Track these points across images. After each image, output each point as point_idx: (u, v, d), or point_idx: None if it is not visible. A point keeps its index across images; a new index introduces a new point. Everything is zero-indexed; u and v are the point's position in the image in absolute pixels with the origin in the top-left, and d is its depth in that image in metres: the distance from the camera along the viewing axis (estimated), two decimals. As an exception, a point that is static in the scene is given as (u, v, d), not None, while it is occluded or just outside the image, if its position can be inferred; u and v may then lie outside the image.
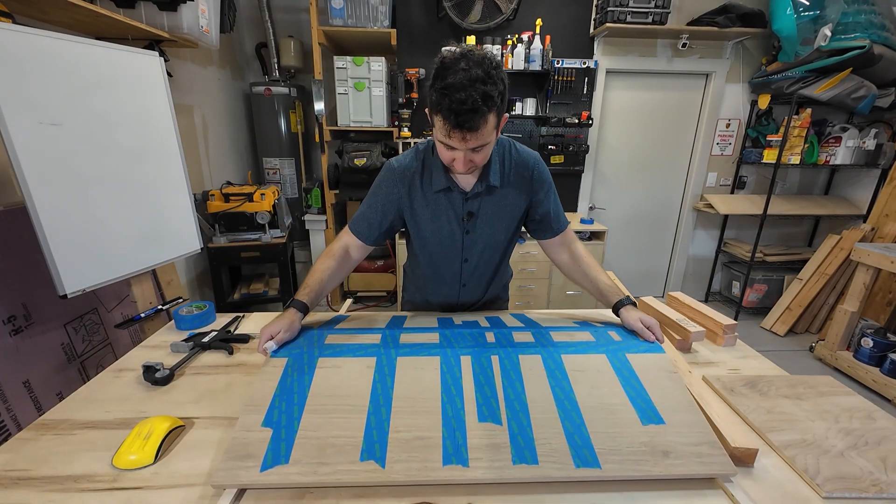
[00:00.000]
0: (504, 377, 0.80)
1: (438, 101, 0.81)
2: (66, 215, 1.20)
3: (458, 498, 0.63)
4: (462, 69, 0.80)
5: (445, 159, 0.93)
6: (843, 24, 2.51)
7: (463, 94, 0.78)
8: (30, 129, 1.12)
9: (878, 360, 2.35)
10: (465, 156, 0.88)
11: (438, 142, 0.90)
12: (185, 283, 2.42)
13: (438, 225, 1.09)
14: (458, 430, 0.71)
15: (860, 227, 2.81)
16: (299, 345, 0.88)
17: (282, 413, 0.73)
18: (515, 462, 0.66)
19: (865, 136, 2.89)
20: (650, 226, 3.49)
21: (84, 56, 1.25)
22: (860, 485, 0.65)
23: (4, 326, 1.28)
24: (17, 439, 0.74)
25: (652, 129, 3.25)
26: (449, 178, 1.02)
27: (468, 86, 0.78)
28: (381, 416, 0.73)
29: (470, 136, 0.83)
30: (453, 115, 0.80)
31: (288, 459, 0.66)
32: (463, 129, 0.82)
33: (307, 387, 0.78)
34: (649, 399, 0.77)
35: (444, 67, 0.82)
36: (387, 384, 0.79)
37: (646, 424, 0.72)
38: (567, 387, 0.79)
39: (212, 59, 2.66)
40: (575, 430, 0.71)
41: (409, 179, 1.05)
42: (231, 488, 0.63)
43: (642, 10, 2.68)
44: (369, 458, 0.66)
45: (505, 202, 1.08)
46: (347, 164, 2.76)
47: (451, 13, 2.73)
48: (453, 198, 1.05)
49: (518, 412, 0.74)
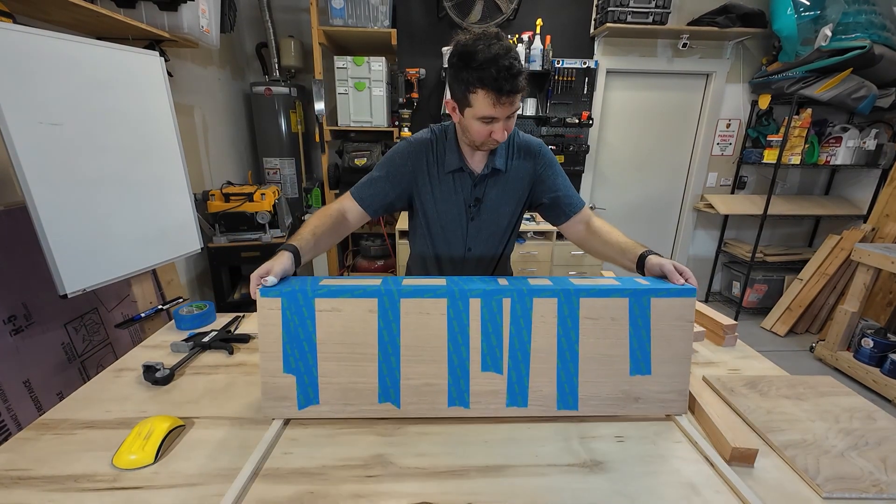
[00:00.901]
0: (513, 324, 0.79)
1: (481, 76, 0.85)
2: (66, 215, 1.21)
3: (458, 498, 0.64)
4: (490, 45, 0.85)
5: (482, 135, 0.95)
6: (844, 24, 2.51)
7: (507, 62, 0.84)
8: (30, 129, 1.12)
9: (878, 360, 2.35)
10: (503, 123, 0.93)
11: (476, 120, 0.93)
12: (186, 283, 2.42)
13: (445, 207, 1.10)
14: (462, 379, 0.79)
15: (860, 228, 2.81)
16: (290, 283, 0.79)
17: (297, 360, 0.78)
18: (508, 405, 0.80)
19: (866, 136, 2.89)
20: (650, 226, 3.49)
21: (85, 56, 1.26)
22: (860, 485, 0.65)
23: (5, 326, 1.28)
24: (18, 439, 0.75)
25: (652, 130, 3.25)
26: (461, 159, 1.05)
27: (505, 55, 0.84)
28: (391, 365, 0.79)
29: (515, 98, 0.89)
30: (504, 81, 0.84)
31: (318, 401, 0.79)
32: (512, 93, 0.87)
33: (313, 333, 0.78)
34: (648, 351, 0.80)
35: (468, 51, 0.86)
36: (393, 331, 0.78)
37: (632, 375, 0.80)
38: (574, 336, 0.80)
39: (212, 58, 2.66)
40: (567, 380, 0.80)
41: (423, 156, 1.07)
42: (278, 419, 0.79)
43: (642, 10, 2.68)
44: (386, 401, 0.79)
45: (509, 185, 1.10)
46: (348, 164, 2.76)
47: (452, 13, 2.73)
48: (463, 180, 1.08)
49: (519, 362, 0.80)
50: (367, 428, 0.78)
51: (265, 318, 0.77)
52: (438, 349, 0.79)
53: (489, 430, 0.78)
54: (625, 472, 0.69)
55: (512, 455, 0.72)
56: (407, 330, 0.79)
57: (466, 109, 0.93)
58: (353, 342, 0.79)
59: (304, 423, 0.79)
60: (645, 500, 0.63)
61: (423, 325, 0.79)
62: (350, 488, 0.65)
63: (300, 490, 0.64)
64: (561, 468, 0.70)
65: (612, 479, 0.67)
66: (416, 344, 0.79)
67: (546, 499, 0.64)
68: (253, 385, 0.91)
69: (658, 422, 0.82)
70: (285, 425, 0.79)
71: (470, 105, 0.91)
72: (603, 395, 0.81)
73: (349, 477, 0.67)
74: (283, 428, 0.78)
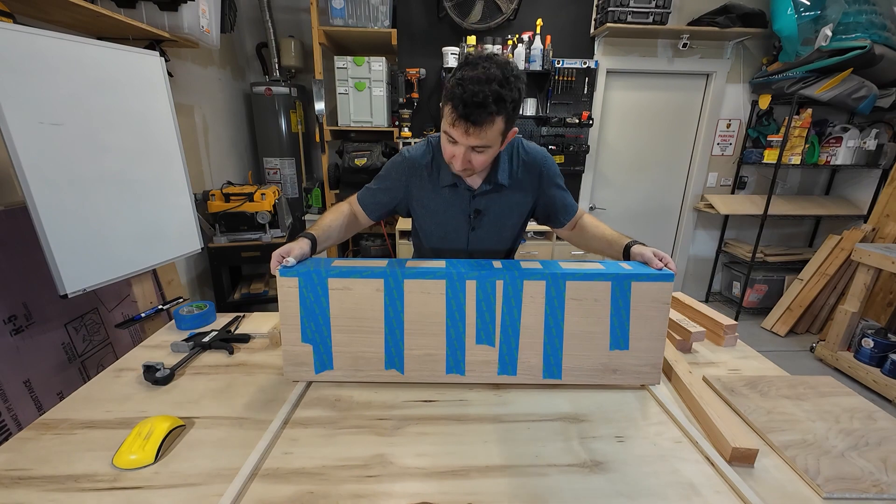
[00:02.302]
0: (505, 303, 0.87)
1: (451, 90, 0.83)
2: (66, 215, 1.21)
3: (458, 498, 0.63)
4: (483, 66, 0.82)
5: (446, 154, 0.94)
6: (844, 24, 2.51)
7: (476, 88, 0.80)
8: (31, 129, 1.12)
9: (878, 360, 2.35)
10: (464, 153, 0.88)
11: (443, 133, 0.92)
12: (186, 283, 2.42)
13: (444, 219, 1.10)
14: (458, 350, 0.89)
15: (861, 228, 2.80)
16: (306, 265, 0.88)
17: (313, 332, 0.88)
18: (499, 373, 0.90)
19: (866, 136, 2.89)
20: (651, 226, 3.49)
21: (85, 56, 1.26)
22: (861, 485, 0.65)
23: (5, 326, 1.28)
24: (18, 439, 0.75)
25: (652, 130, 3.24)
26: (456, 175, 1.03)
27: (484, 82, 0.80)
28: (396, 337, 0.89)
29: (473, 130, 0.84)
30: (462, 105, 0.81)
31: (332, 367, 0.90)
32: (467, 121, 0.82)
33: (327, 308, 0.87)
34: (627, 329, 0.88)
35: (466, 63, 0.85)
36: (397, 308, 0.87)
37: (612, 350, 0.89)
38: (559, 315, 0.88)
39: (212, 58, 2.66)
40: (552, 353, 0.89)
41: (417, 171, 1.07)
42: (301, 381, 0.91)
43: (643, 10, 2.68)
44: (391, 368, 0.90)
45: (512, 201, 1.09)
46: (348, 164, 2.76)
47: (452, 13, 2.73)
48: (460, 193, 1.07)
49: (510, 337, 0.89)
50: (367, 428, 0.79)
51: (285, 294, 0.86)
52: (438, 324, 0.88)
53: (489, 430, 0.78)
54: (625, 472, 0.69)
55: (512, 455, 0.72)
56: (410, 307, 0.87)
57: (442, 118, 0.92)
58: (362, 317, 0.88)
59: (304, 424, 0.79)
60: (645, 500, 0.63)
61: (424, 304, 0.87)
62: (350, 488, 0.65)
63: (300, 490, 0.64)
64: (561, 468, 0.70)
65: (613, 479, 0.67)
66: (418, 319, 0.88)
67: (546, 499, 0.64)
68: (253, 385, 0.92)
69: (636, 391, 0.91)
70: (307, 388, 0.90)
71: (442, 115, 0.90)
72: (585, 367, 0.90)
73: (349, 477, 0.67)
74: (305, 389, 0.90)
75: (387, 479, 0.67)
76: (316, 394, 0.88)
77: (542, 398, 0.88)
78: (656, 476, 0.68)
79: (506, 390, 0.90)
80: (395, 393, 0.89)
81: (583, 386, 0.91)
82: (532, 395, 0.89)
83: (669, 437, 0.77)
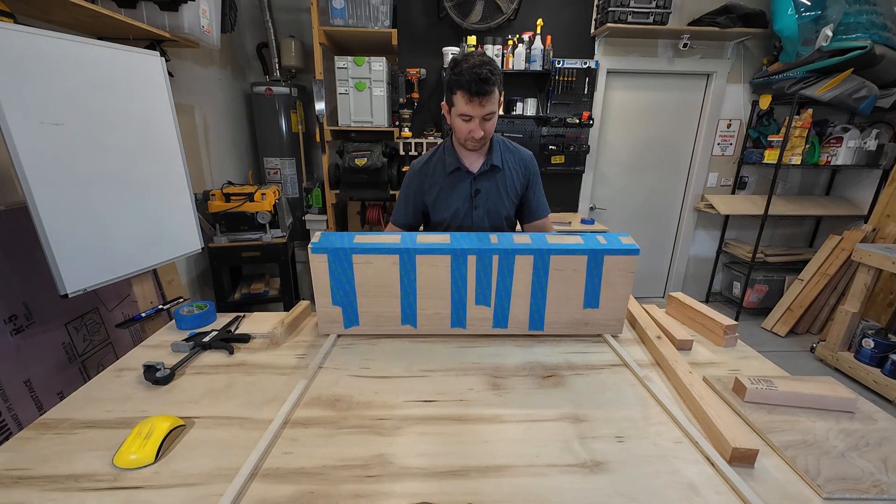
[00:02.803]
0: (499, 273, 1.04)
1: (458, 78, 1.11)
2: (67, 215, 1.21)
3: (458, 498, 0.63)
4: (472, 56, 1.13)
5: (462, 132, 1.20)
6: (845, 24, 2.51)
7: (478, 69, 1.09)
8: (31, 129, 1.12)
9: (878, 360, 2.35)
10: (479, 123, 1.17)
11: (458, 118, 1.18)
12: (186, 283, 2.43)
13: (450, 201, 1.33)
14: (461, 309, 1.08)
15: (861, 228, 2.80)
16: (331, 240, 1.03)
17: (342, 297, 1.06)
18: (493, 326, 1.10)
19: (867, 136, 2.89)
20: (651, 226, 3.49)
21: (85, 56, 1.26)
22: (861, 486, 0.65)
23: (5, 326, 1.28)
24: (18, 438, 0.75)
25: (653, 130, 3.24)
26: (458, 160, 1.31)
27: (480, 64, 1.10)
28: (410, 300, 1.07)
29: (486, 101, 1.13)
30: (473, 83, 1.09)
31: (358, 323, 1.09)
32: (481, 95, 1.11)
33: (352, 278, 1.04)
34: (598, 292, 1.07)
35: (455, 61, 1.14)
36: (411, 278, 1.04)
37: (585, 308, 1.09)
38: (544, 282, 1.06)
39: (213, 58, 2.66)
40: (537, 311, 1.09)
41: (425, 170, 1.35)
42: (333, 334, 1.10)
43: (643, 10, 2.68)
44: (407, 323, 1.10)
45: (505, 182, 1.34)
46: (348, 164, 2.76)
47: (452, 13, 2.73)
48: (463, 178, 1.32)
49: (503, 298, 1.07)
50: (367, 428, 0.79)
51: (316, 268, 1.04)
52: (444, 290, 1.06)
53: (489, 430, 0.78)
54: (625, 472, 0.69)
55: (512, 455, 0.72)
56: (421, 276, 1.04)
57: (452, 109, 1.20)
58: (382, 284, 1.05)
59: (304, 423, 0.79)
60: (645, 501, 0.63)
61: (433, 274, 1.04)
62: (350, 488, 0.65)
63: (300, 490, 0.64)
64: (561, 468, 0.69)
65: (613, 480, 0.67)
66: (428, 286, 1.05)
67: (546, 499, 0.64)
68: (253, 385, 0.92)
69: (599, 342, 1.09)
70: (337, 339, 1.10)
71: (453, 104, 1.18)
72: (562, 322, 1.10)
73: (349, 477, 0.67)
74: (336, 340, 1.09)
75: (387, 479, 0.67)
76: (316, 394, 0.89)
77: (542, 398, 0.88)
78: (656, 476, 0.68)
79: (506, 391, 0.90)
80: (395, 393, 0.89)
81: (560, 336, 1.12)
82: (532, 395, 0.89)
83: (669, 437, 0.77)
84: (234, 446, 0.73)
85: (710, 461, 0.71)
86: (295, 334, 1.15)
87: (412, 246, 1.02)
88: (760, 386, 0.84)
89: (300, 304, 1.24)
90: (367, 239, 1.05)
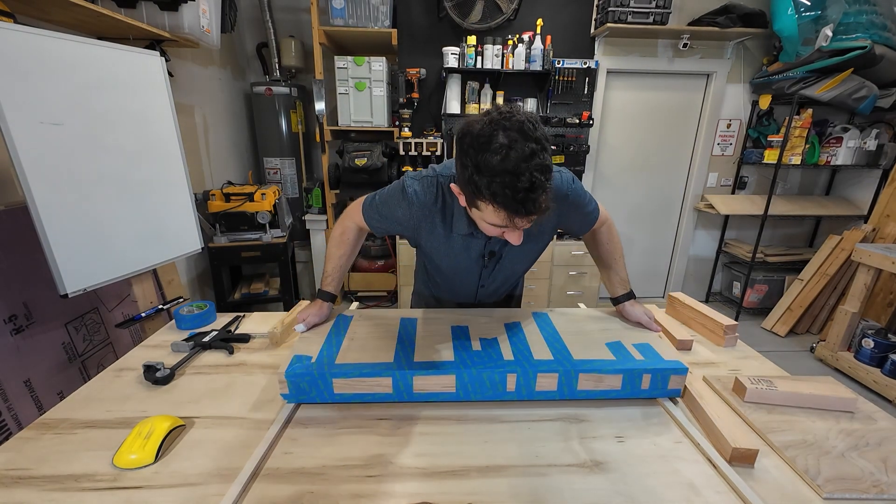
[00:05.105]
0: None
1: (493, 190, 0.71)
2: (67, 215, 1.21)
3: (458, 498, 0.63)
4: (507, 145, 0.69)
5: (493, 233, 0.84)
6: (845, 24, 2.51)
7: (524, 179, 0.68)
8: (31, 129, 1.12)
9: (878, 360, 2.35)
10: (518, 232, 0.80)
11: (487, 224, 0.81)
12: (186, 283, 2.42)
13: (457, 261, 1.04)
14: None
15: (861, 228, 2.80)
16: (308, 367, 0.83)
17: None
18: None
19: (866, 136, 2.88)
20: (651, 226, 3.48)
21: (85, 56, 1.26)
22: (861, 486, 0.65)
23: (5, 326, 1.28)
24: (18, 438, 0.75)
25: (653, 130, 3.24)
26: (472, 224, 0.92)
27: (524, 167, 0.68)
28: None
29: (534, 217, 0.75)
30: (518, 204, 0.70)
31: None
32: (529, 214, 0.73)
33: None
34: None
35: (479, 144, 0.71)
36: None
37: None
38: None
39: (213, 58, 2.66)
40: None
41: (427, 217, 0.96)
42: None
43: (643, 10, 2.68)
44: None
45: (532, 238, 1.01)
46: (348, 164, 2.76)
47: (452, 13, 2.73)
48: (475, 239, 0.99)
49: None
50: (367, 428, 0.79)
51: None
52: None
53: (489, 430, 0.78)
54: (625, 472, 0.69)
55: (512, 455, 0.72)
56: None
57: (474, 210, 0.81)
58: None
59: (304, 424, 0.80)
60: (645, 501, 0.63)
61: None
62: (350, 488, 0.65)
63: (300, 490, 0.64)
64: (561, 468, 0.70)
65: (613, 480, 0.67)
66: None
67: (546, 499, 0.64)
68: (253, 385, 0.92)
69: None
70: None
71: (478, 209, 0.78)
72: None
73: (349, 477, 0.67)
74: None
75: (387, 479, 0.67)
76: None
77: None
78: (656, 476, 0.68)
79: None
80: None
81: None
82: (532, 395, 0.89)
83: (669, 437, 0.77)
84: (233, 446, 0.73)
85: (710, 461, 0.71)
86: (295, 334, 1.15)
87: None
88: (760, 386, 0.84)
89: (300, 303, 1.24)
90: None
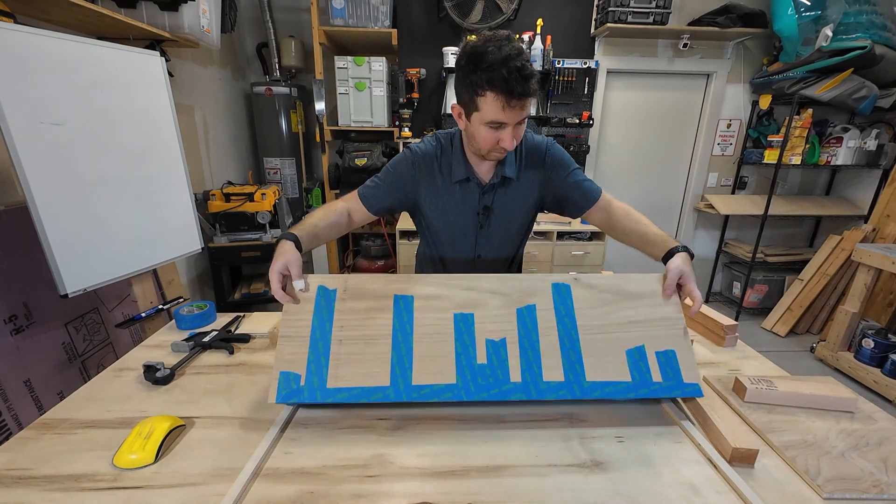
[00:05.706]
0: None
1: (490, 77, 0.83)
2: (67, 215, 1.21)
3: (458, 498, 0.63)
4: (501, 46, 0.83)
5: (489, 142, 0.93)
6: (845, 24, 2.51)
7: (518, 63, 0.82)
8: (31, 129, 1.12)
9: (878, 360, 2.35)
10: (512, 130, 0.90)
11: (483, 125, 0.91)
12: (186, 283, 2.42)
13: (454, 217, 1.09)
14: None
15: (861, 228, 2.80)
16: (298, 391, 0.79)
17: None
18: None
19: (867, 136, 2.88)
20: (651, 226, 3.48)
21: (85, 56, 1.26)
22: (861, 486, 0.65)
23: (5, 326, 1.28)
24: (18, 438, 0.75)
25: (653, 130, 3.24)
26: (468, 168, 1.04)
27: (517, 56, 0.83)
28: None
29: (526, 102, 0.87)
30: (515, 83, 0.82)
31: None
32: (523, 96, 0.85)
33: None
34: None
35: (477, 52, 0.85)
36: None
37: None
38: None
39: (213, 58, 2.66)
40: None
41: (427, 166, 1.06)
42: None
43: (643, 10, 2.68)
44: None
45: (520, 192, 1.09)
46: (348, 164, 2.76)
47: (452, 13, 2.73)
48: (471, 189, 1.07)
49: None
50: (367, 428, 0.79)
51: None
52: None
53: (489, 430, 0.78)
54: (625, 472, 0.69)
55: (512, 455, 0.72)
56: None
57: (474, 114, 0.91)
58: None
59: (304, 424, 0.80)
60: (645, 501, 0.63)
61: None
62: (350, 488, 0.65)
63: (300, 490, 0.64)
64: (561, 468, 0.69)
65: (613, 480, 0.67)
66: None
67: (546, 499, 0.64)
68: (253, 385, 0.92)
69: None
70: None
71: (478, 109, 0.89)
72: None
73: (349, 477, 0.67)
74: None
75: (387, 479, 0.67)
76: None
77: (543, 398, 0.88)
78: (656, 476, 0.68)
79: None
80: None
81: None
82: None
83: (670, 437, 0.77)
84: (234, 446, 0.73)
85: (710, 461, 0.71)
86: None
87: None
88: (760, 386, 0.84)
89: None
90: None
